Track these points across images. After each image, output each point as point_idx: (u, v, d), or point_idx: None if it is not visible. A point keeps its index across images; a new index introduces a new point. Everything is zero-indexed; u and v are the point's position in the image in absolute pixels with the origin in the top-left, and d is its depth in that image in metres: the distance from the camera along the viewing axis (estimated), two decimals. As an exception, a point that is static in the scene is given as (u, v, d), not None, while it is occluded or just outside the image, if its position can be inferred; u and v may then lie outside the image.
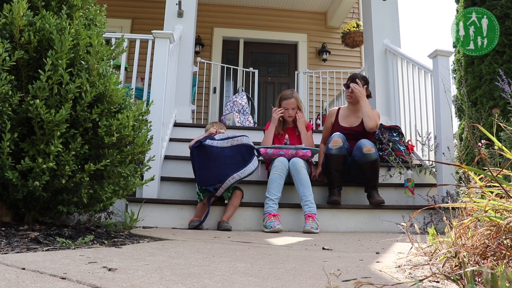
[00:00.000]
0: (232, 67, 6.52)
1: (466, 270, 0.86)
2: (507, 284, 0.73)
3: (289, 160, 3.06)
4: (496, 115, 2.83)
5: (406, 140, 3.75)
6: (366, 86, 3.41)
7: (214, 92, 6.76)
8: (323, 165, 3.28)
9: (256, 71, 6.44)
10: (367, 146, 3.07)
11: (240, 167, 2.82)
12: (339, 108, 3.56)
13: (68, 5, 2.07)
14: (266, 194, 2.93)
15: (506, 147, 2.85)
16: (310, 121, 6.36)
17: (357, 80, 3.37)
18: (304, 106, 3.62)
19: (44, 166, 1.73)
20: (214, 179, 2.79)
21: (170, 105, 3.73)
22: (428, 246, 1.31)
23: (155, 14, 6.48)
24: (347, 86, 3.43)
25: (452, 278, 0.91)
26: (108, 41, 2.26)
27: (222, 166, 2.79)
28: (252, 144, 2.94)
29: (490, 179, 1.14)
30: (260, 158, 3.14)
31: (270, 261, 1.36)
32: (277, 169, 2.99)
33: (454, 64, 4.88)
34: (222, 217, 2.84)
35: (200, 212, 2.85)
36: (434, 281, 1.00)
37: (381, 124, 3.80)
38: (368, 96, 3.45)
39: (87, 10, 2.20)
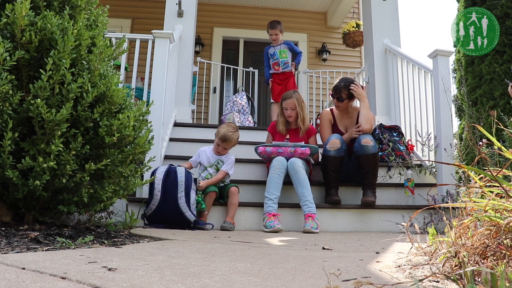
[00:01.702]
0: (232, 67, 6.52)
1: (466, 270, 0.86)
2: (507, 284, 0.73)
3: (287, 160, 3.06)
4: (494, 116, 2.83)
5: (406, 140, 3.75)
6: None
7: (214, 92, 6.76)
8: (321, 165, 3.29)
9: (256, 71, 6.44)
10: (365, 138, 3.09)
11: (176, 187, 2.70)
12: (331, 109, 3.55)
13: (70, 6, 2.07)
14: (265, 193, 2.93)
15: (507, 147, 2.85)
16: (309, 121, 6.38)
17: (355, 82, 3.35)
18: (305, 107, 3.63)
19: (45, 165, 1.73)
20: (176, 220, 2.70)
21: (170, 105, 3.73)
22: (428, 246, 1.31)
23: (155, 14, 6.48)
24: (333, 96, 3.41)
25: (452, 278, 0.91)
26: (109, 41, 2.27)
27: (172, 205, 2.66)
28: (172, 165, 2.81)
29: (490, 179, 1.15)
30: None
31: (270, 261, 1.36)
32: (275, 169, 2.99)
33: (454, 64, 4.88)
34: (226, 217, 2.86)
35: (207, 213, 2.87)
36: (434, 281, 1.00)
37: (381, 124, 3.80)
38: (352, 96, 3.39)
39: (89, 11, 2.20)
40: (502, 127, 1.39)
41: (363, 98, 3.28)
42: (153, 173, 2.72)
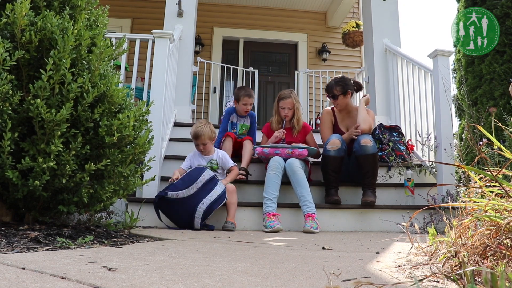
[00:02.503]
0: (232, 66, 6.52)
1: (466, 269, 0.86)
2: (507, 284, 0.73)
3: (285, 160, 3.06)
4: (494, 114, 2.83)
5: (406, 140, 3.75)
6: (348, 89, 3.33)
7: (214, 92, 6.76)
8: (321, 165, 3.29)
9: (256, 71, 6.44)
10: (365, 138, 3.10)
11: (208, 193, 2.73)
12: (332, 108, 3.54)
13: (71, 6, 2.07)
14: (263, 194, 2.93)
15: (507, 146, 2.84)
16: (309, 121, 6.38)
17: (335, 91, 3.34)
18: (302, 107, 3.63)
19: (45, 165, 1.73)
20: (190, 219, 2.69)
21: (170, 104, 3.73)
22: (428, 246, 1.31)
23: (155, 14, 6.48)
24: (328, 96, 3.42)
25: (452, 277, 0.91)
26: (109, 41, 2.27)
27: (193, 204, 2.67)
28: (212, 173, 2.82)
29: (490, 179, 1.15)
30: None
31: (270, 261, 1.36)
32: (273, 169, 3.00)
33: (454, 63, 4.88)
34: (227, 218, 2.83)
35: None
36: (434, 281, 1.00)
37: (381, 124, 3.80)
38: (359, 88, 3.41)
39: (89, 11, 2.21)
40: (503, 127, 1.39)
41: (360, 106, 3.31)
42: (197, 169, 2.79)
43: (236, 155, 3.48)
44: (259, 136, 3.80)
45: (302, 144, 3.29)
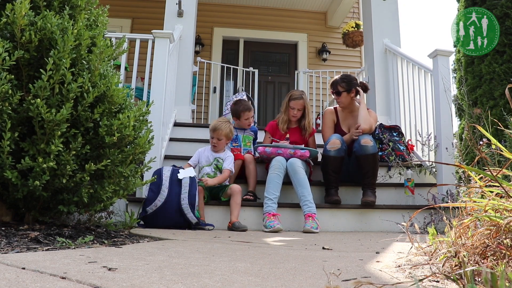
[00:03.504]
0: (232, 66, 6.52)
1: (466, 269, 0.86)
2: (507, 284, 0.73)
3: (287, 160, 3.06)
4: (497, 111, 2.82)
5: (406, 140, 3.75)
6: (353, 88, 3.34)
7: (214, 91, 6.76)
8: (321, 165, 3.29)
9: (256, 71, 6.44)
10: (365, 138, 3.09)
11: (180, 186, 2.69)
12: (335, 108, 3.54)
13: (70, 6, 2.07)
14: (264, 193, 2.93)
15: (507, 146, 2.84)
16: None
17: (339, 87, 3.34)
18: (310, 109, 3.63)
19: (45, 165, 1.73)
20: (184, 218, 2.67)
21: (170, 104, 3.73)
22: (428, 246, 1.31)
23: (155, 14, 6.48)
24: (332, 92, 3.42)
25: (452, 277, 0.91)
26: (109, 41, 2.27)
27: (176, 204, 2.65)
28: (169, 167, 2.80)
29: (490, 179, 1.15)
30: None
31: (270, 261, 1.36)
32: (275, 169, 3.00)
33: (454, 63, 4.87)
34: (232, 219, 2.81)
35: (201, 211, 2.86)
36: (434, 281, 1.00)
37: (381, 124, 3.80)
38: (365, 89, 3.42)
39: (89, 11, 2.21)
40: (502, 127, 1.39)
41: (361, 103, 3.31)
42: (155, 173, 2.75)
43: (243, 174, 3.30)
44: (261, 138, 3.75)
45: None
